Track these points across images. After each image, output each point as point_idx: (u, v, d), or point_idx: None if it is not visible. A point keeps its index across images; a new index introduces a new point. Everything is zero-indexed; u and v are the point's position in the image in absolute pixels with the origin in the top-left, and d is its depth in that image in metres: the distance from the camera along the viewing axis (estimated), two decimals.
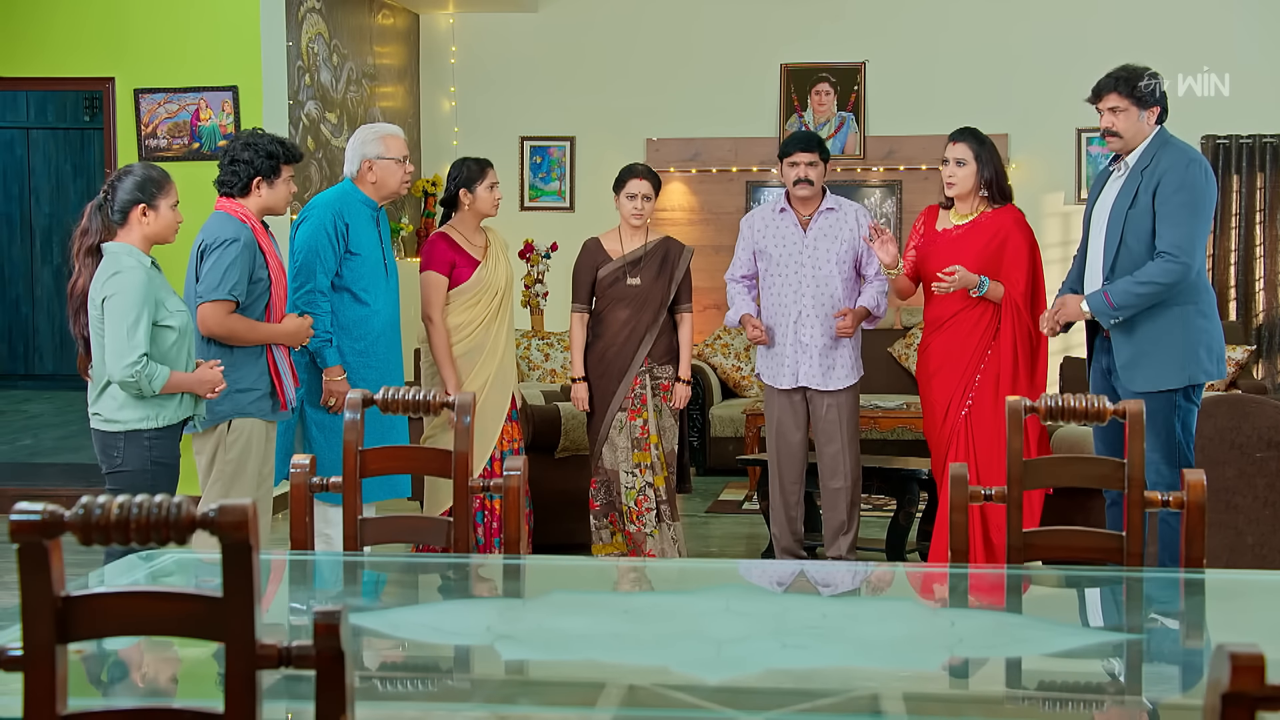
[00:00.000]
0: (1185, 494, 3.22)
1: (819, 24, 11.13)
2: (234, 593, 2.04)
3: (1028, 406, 3.39)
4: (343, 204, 5.88)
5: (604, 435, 6.51)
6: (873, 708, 2.44)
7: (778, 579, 3.67)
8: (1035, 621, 3.03)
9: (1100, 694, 2.65)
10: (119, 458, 4.83)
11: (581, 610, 2.92)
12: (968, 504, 3.29)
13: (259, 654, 2.05)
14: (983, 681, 2.63)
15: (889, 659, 2.57)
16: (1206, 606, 3.21)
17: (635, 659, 2.59)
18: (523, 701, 2.54)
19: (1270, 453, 6.30)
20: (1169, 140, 5.35)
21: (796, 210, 6.48)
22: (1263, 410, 6.36)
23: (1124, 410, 3.34)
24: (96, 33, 8.19)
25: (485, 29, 11.48)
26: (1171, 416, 5.26)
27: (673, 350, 6.58)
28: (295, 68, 8.96)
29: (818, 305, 6.39)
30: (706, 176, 11.24)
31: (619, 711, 2.45)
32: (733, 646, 2.61)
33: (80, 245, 4.82)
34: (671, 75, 11.27)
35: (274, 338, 5.35)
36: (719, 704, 2.38)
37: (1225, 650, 1.85)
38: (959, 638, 2.73)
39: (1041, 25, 10.80)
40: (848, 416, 6.48)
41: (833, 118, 11.13)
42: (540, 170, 11.53)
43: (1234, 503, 6.33)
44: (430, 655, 2.75)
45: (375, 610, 3.07)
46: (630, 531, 6.46)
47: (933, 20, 11.01)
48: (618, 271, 6.52)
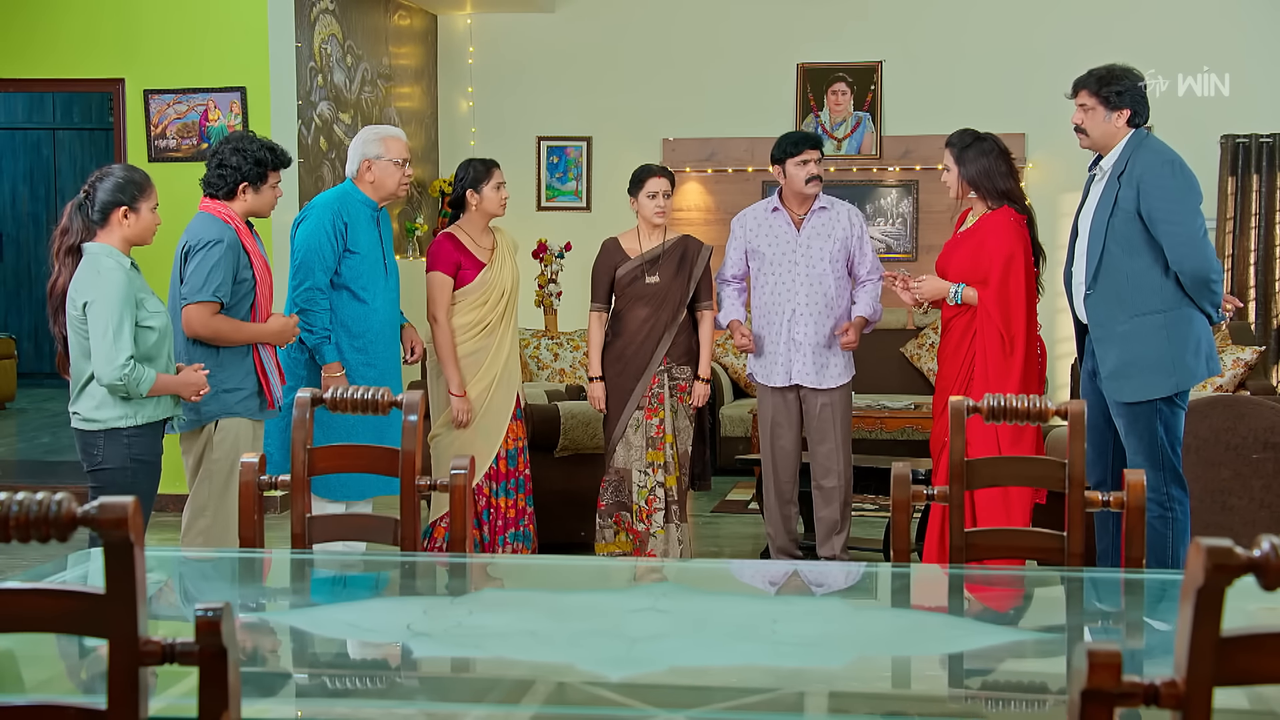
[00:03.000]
0: (1125, 494, 3.21)
1: (836, 24, 11.12)
2: (116, 589, 2.05)
3: (970, 407, 3.39)
4: (342, 203, 5.93)
5: (620, 434, 6.52)
6: (796, 706, 2.45)
7: (770, 579, 3.68)
8: (957, 620, 3.03)
9: (1006, 691, 2.65)
10: (99, 455, 4.88)
11: (507, 608, 2.94)
12: (909, 503, 3.29)
13: (142, 650, 2.07)
14: (877, 680, 2.63)
15: (796, 658, 2.58)
16: (1144, 606, 3.20)
17: (544, 656, 2.61)
18: (422, 698, 2.56)
19: (1266, 454, 6.27)
20: (1144, 142, 5.32)
21: (790, 209, 6.50)
22: (1259, 412, 6.33)
23: (1065, 411, 3.32)
24: (108, 34, 8.28)
25: (503, 29, 11.52)
26: (1154, 420, 5.23)
27: (692, 351, 6.59)
28: (307, 68, 9.02)
29: (811, 303, 6.40)
30: (722, 176, 11.24)
31: (540, 709, 2.47)
32: (645, 645, 2.63)
33: (60, 245, 4.87)
34: (688, 75, 11.28)
35: (259, 337, 5.39)
36: (649, 703, 2.40)
37: (1084, 648, 1.86)
38: (874, 637, 2.74)
39: (1058, 26, 10.73)
40: (841, 415, 6.49)
41: (849, 117, 11.11)
42: (557, 170, 11.56)
43: (1230, 504, 6.30)
44: (340, 653, 2.77)
45: (301, 608, 3.10)
46: (638, 530, 6.47)
47: (949, 21, 10.98)
48: (636, 270, 6.53)
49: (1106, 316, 5.30)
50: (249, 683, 2.46)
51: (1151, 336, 5.21)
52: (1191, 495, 6.03)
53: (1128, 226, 5.21)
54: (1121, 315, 5.26)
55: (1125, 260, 5.24)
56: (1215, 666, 1.85)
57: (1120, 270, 5.25)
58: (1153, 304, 5.23)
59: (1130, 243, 5.23)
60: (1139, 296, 5.23)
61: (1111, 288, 5.27)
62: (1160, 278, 5.22)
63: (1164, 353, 5.20)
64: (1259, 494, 6.28)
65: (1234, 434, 6.30)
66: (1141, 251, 5.21)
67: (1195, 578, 1.82)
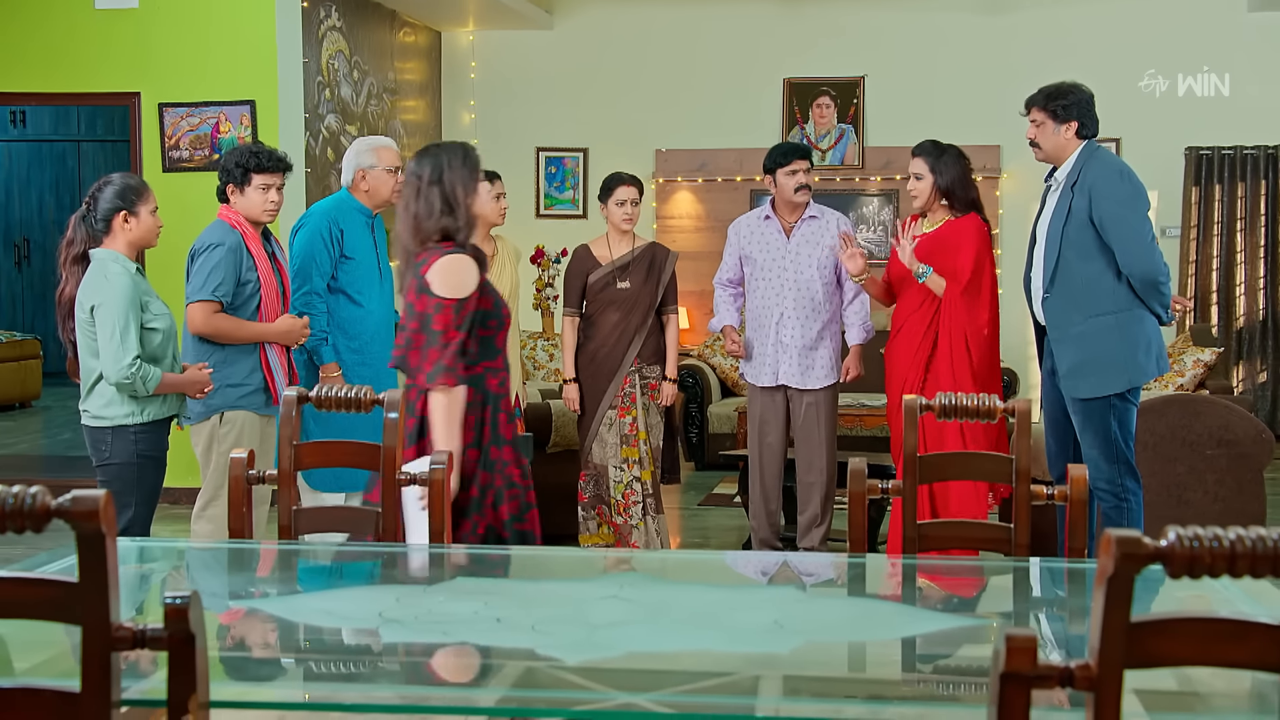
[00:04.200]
0: (1068, 488, 3.21)
1: (820, 40, 11.13)
2: (89, 578, 2.06)
3: (923, 405, 3.39)
4: (338, 211, 5.93)
5: (594, 432, 6.53)
6: (748, 689, 2.46)
7: (762, 569, 3.69)
8: (902, 609, 3.03)
9: (940, 675, 2.66)
10: (107, 451, 4.89)
11: (477, 595, 2.94)
12: (864, 496, 3.29)
13: (114, 636, 2.08)
14: (822, 664, 2.63)
15: (746, 643, 2.58)
16: (1086, 594, 3.19)
17: (507, 641, 2.62)
18: (388, 681, 2.56)
19: (1219, 450, 6.27)
20: (1095, 153, 5.35)
21: (782, 217, 6.51)
22: (1213, 410, 6.33)
23: (1014, 409, 3.32)
24: (125, 51, 8.30)
25: (504, 46, 11.54)
26: (1108, 416, 5.24)
27: (660, 351, 6.60)
28: (315, 83, 9.04)
29: (798, 308, 6.41)
30: (712, 185, 11.26)
31: (509, 692, 2.47)
32: (605, 631, 2.63)
33: (67, 255, 4.89)
34: (679, 89, 11.30)
35: (263, 336, 5.39)
36: (608, 686, 2.41)
37: (1003, 632, 1.87)
38: (821, 623, 2.74)
39: (1031, 42, 10.75)
40: (825, 415, 6.49)
41: (833, 129, 11.11)
42: (555, 180, 11.58)
43: (1185, 498, 6.30)
44: (314, 639, 2.77)
45: (279, 596, 3.11)
46: (617, 523, 6.49)
47: (928, 37, 10.99)
48: (608, 276, 6.54)
49: (1063, 318, 5.32)
50: (216, 667, 2.46)
51: (1105, 337, 5.23)
52: (1149, 490, 6.05)
53: (1081, 233, 5.24)
54: (1077, 317, 5.28)
55: (1080, 265, 5.25)
56: (1126, 650, 1.86)
57: (1075, 275, 5.26)
58: (1106, 306, 5.25)
59: (1084, 248, 5.24)
60: (1093, 299, 5.25)
61: (1067, 291, 5.29)
62: (1113, 281, 5.25)
63: (1117, 352, 5.22)
64: (1213, 488, 6.29)
65: (1190, 431, 6.31)
66: (1095, 256, 5.23)
67: (1106, 567, 1.83)
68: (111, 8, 8.32)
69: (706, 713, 2.37)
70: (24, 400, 12.90)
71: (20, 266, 14.76)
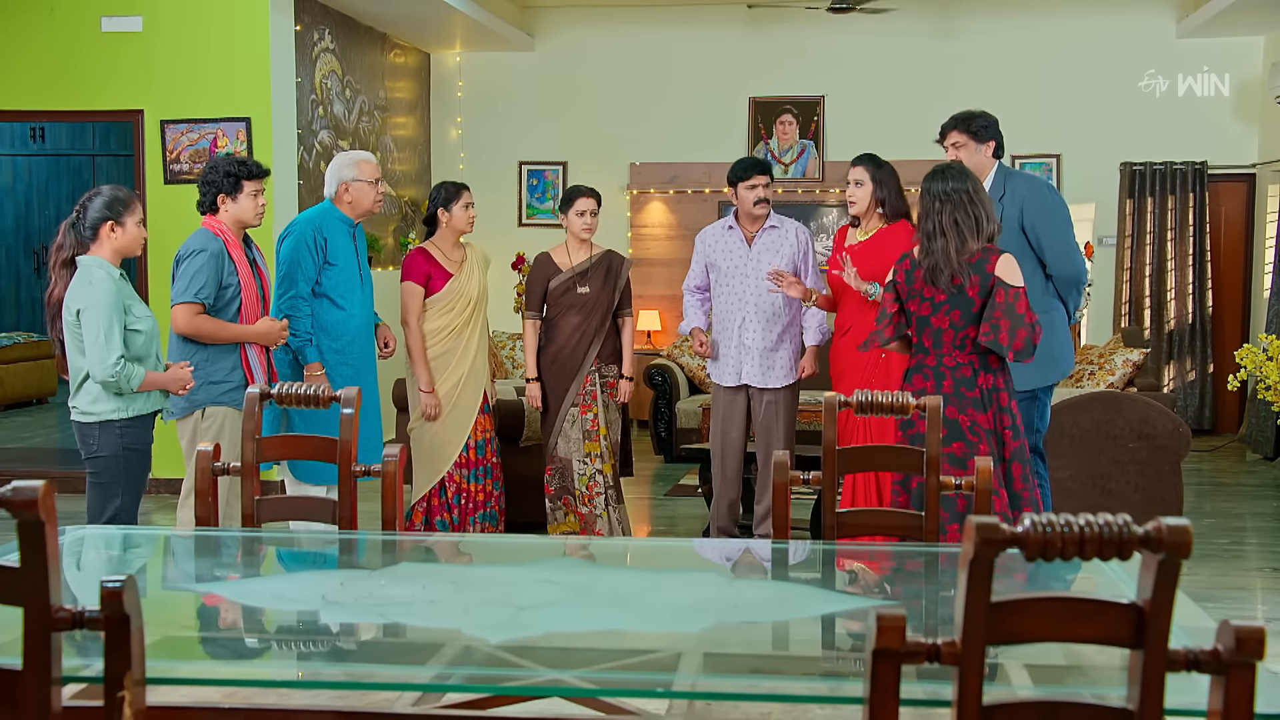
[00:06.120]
0: (975, 479, 3.21)
1: (784, 62, 11.14)
2: (30, 563, 2.06)
3: (841, 401, 3.38)
4: (321, 221, 5.92)
5: (558, 428, 6.52)
6: (665, 665, 2.45)
7: (726, 554, 3.68)
8: (813, 590, 3.02)
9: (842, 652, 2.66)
10: (95, 445, 4.87)
11: (415, 579, 2.93)
12: (788, 486, 3.29)
13: (54, 618, 2.07)
14: (728, 642, 2.62)
15: (661, 623, 2.57)
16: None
17: (436, 622, 2.61)
18: (319, 661, 2.55)
19: (1140, 444, 6.27)
20: (1012, 172, 5.44)
21: (744, 227, 6.50)
22: (1134, 406, 6.33)
23: (925, 405, 3.32)
24: (130, 71, 8.27)
25: (488, 66, 11.54)
26: (1032, 409, 5.25)
27: (617, 351, 6.60)
28: (309, 101, 9.02)
29: (759, 312, 6.40)
30: (683, 197, 11.26)
31: (443, 669, 2.46)
32: (530, 612, 2.62)
33: (56, 259, 4.86)
34: (652, 107, 11.31)
35: (243, 337, 5.38)
36: (543, 664, 2.40)
37: (874, 611, 1.86)
38: (734, 604, 2.73)
39: (977, 65, 10.78)
40: (784, 412, 6.48)
41: (795, 145, 11.12)
42: (536, 191, 11.57)
43: (1109, 488, 6.30)
44: (255, 621, 2.76)
45: (231, 581, 3.09)
46: (583, 513, 6.48)
47: (884, 60, 11.01)
48: (568, 281, 6.53)
49: None
50: (168, 646, 2.46)
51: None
52: (1075, 480, 6.05)
53: (1010, 241, 5.24)
54: None
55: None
56: (988, 628, 1.85)
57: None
58: (1037, 306, 5.26)
59: (1016, 254, 5.25)
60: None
61: None
62: (1042, 283, 5.27)
63: (1044, 350, 5.23)
64: (1134, 478, 6.29)
65: (1113, 426, 6.32)
66: (1024, 260, 5.24)
67: (968, 552, 1.82)
68: (117, 30, 8.30)
69: (626, 689, 2.37)
70: (40, 396, 12.87)
71: (39, 272, 14.70)
